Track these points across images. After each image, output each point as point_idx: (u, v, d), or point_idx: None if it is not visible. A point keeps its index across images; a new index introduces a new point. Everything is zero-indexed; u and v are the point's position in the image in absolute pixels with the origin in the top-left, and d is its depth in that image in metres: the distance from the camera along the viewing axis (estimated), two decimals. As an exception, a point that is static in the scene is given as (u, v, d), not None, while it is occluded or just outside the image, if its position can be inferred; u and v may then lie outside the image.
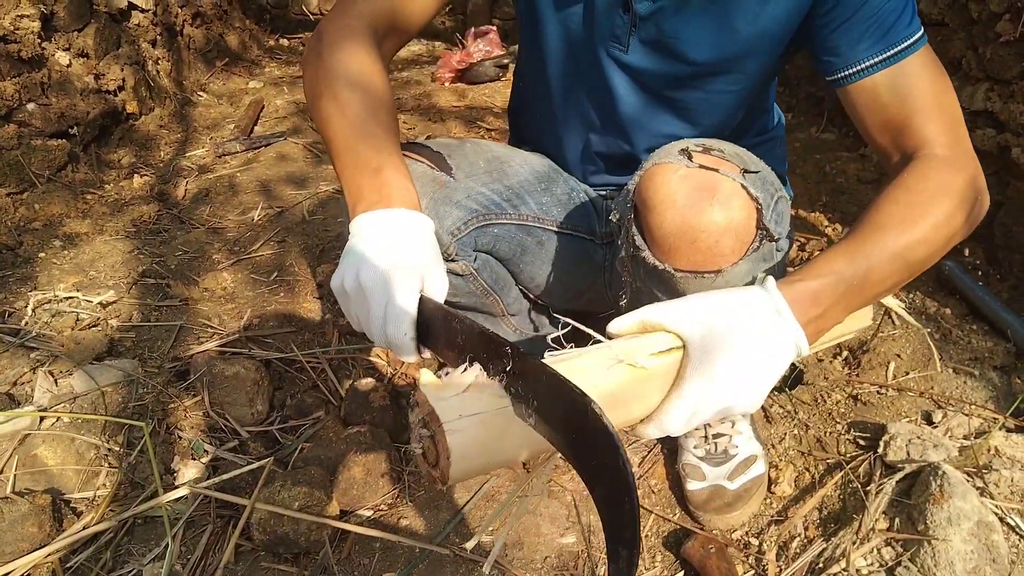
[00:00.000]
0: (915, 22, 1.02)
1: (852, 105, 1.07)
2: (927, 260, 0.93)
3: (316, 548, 1.28)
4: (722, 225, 0.95)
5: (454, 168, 1.26)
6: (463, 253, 1.27)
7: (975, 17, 1.86)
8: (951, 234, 0.94)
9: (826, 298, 0.86)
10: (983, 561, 1.09)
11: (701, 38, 1.13)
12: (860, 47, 1.02)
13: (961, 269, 1.72)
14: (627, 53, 1.18)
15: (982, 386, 1.44)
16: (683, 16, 1.11)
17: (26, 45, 2.26)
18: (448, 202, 1.23)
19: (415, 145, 1.28)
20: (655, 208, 0.97)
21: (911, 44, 1.01)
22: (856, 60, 1.03)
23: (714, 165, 0.97)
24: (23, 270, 1.97)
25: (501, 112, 3.25)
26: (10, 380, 1.52)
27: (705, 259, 0.98)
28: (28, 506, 1.22)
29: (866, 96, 1.04)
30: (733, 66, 1.16)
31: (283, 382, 1.65)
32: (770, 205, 0.99)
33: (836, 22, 1.03)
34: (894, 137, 1.04)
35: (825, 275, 0.86)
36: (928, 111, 1.01)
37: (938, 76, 1.03)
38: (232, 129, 3.07)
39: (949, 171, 0.96)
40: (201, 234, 2.24)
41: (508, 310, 1.45)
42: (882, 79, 1.02)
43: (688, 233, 0.96)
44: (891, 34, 1.01)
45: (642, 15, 1.12)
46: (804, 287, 0.85)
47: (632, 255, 1.06)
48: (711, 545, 1.24)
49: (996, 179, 1.80)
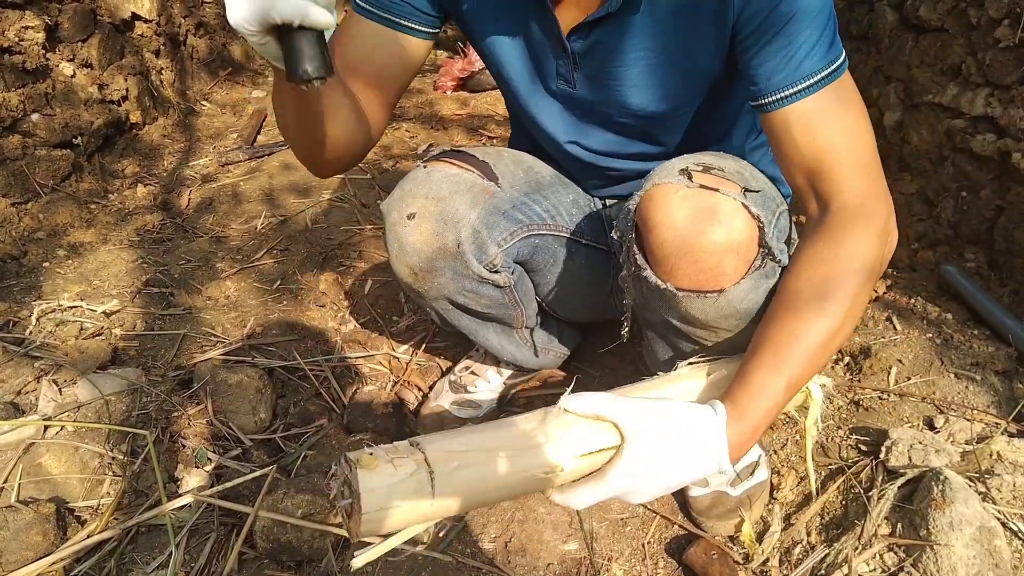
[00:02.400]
0: (834, 48, 0.99)
1: (772, 140, 1.05)
2: (847, 337, 0.99)
3: (319, 556, 1.28)
4: (724, 245, 0.96)
5: (500, 177, 1.27)
6: (506, 265, 1.27)
7: (974, 23, 1.86)
8: (864, 307, 0.99)
9: (760, 429, 0.92)
10: (986, 567, 1.09)
11: (640, 83, 1.14)
12: (774, 78, 0.99)
13: (963, 274, 1.72)
14: (575, 89, 1.20)
15: (984, 391, 1.44)
16: (618, 57, 1.12)
17: (30, 56, 2.27)
18: (497, 212, 1.24)
19: (461, 153, 1.28)
20: (655, 229, 0.98)
21: (827, 75, 0.98)
22: (770, 91, 1.00)
23: (715, 185, 0.97)
24: (27, 280, 1.98)
25: (503, 120, 3.26)
26: (14, 389, 1.52)
27: (707, 279, 0.98)
28: (32, 515, 1.23)
29: (779, 128, 1.01)
30: (679, 105, 1.17)
31: (286, 390, 1.66)
32: (772, 222, 1.00)
33: (752, 50, 1.01)
34: (808, 178, 1.01)
35: (760, 408, 0.91)
36: (839, 151, 0.98)
37: (852, 108, 1.00)
38: (235, 138, 3.08)
39: (861, 229, 0.96)
40: (204, 243, 2.25)
41: (527, 323, 1.46)
42: (795, 112, 0.99)
43: (690, 253, 0.97)
44: (804, 65, 0.97)
45: (580, 52, 1.14)
46: (747, 426, 0.90)
47: (634, 274, 1.07)
48: (714, 551, 1.24)
49: (997, 184, 1.80)
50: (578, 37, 1.12)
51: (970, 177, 1.88)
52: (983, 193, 1.83)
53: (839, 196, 0.98)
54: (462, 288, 1.27)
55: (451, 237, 1.20)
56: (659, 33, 1.08)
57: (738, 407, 0.91)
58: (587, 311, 1.50)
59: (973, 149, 1.84)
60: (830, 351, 0.96)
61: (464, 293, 1.28)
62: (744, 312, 1.02)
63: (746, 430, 0.90)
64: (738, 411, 0.91)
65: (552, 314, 1.52)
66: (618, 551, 1.32)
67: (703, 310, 1.01)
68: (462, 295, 1.29)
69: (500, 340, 1.48)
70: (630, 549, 1.32)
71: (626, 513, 1.38)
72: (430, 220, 1.19)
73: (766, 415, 0.92)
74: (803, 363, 0.93)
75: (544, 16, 1.13)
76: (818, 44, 0.97)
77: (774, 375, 0.92)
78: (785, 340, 0.93)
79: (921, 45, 2.12)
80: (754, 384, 0.92)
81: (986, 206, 1.83)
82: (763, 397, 0.91)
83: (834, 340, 0.94)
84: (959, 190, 1.92)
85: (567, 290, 1.41)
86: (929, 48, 2.08)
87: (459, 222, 1.20)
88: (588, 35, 1.11)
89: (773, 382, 0.92)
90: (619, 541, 1.34)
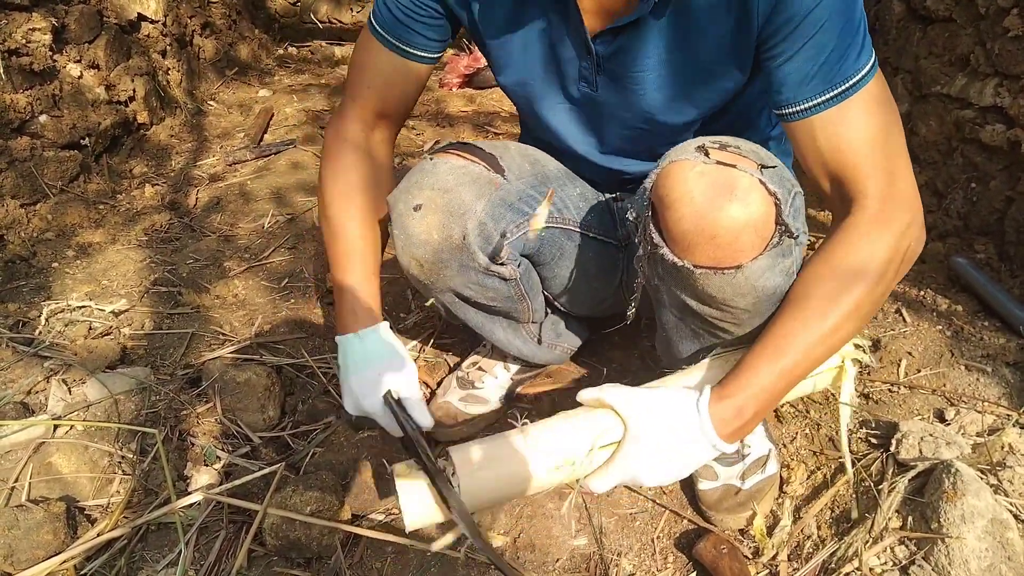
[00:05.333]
0: (865, 54, 1.00)
1: (795, 144, 1.07)
2: (850, 336, 1.03)
3: (328, 553, 1.28)
4: (741, 221, 0.95)
5: (506, 170, 1.27)
6: (512, 257, 1.28)
7: (983, 12, 1.85)
8: (872, 309, 1.03)
9: (749, 409, 1.01)
10: (998, 559, 1.08)
11: (661, 87, 1.17)
12: (803, 87, 1.00)
13: (973, 265, 1.71)
14: (597, 91, 1.22)
15: (995, 383, 1.43)
16: (642, 61, 1.14)
17: (38, 58, 2.28)
18: (503, 204, 1.25)
19: (467, 145, 1.29)
20: (672, 205, 0.97)
21: (856, 82, 0.99)
22: (797, 100, 1.01)
23: (731, 161, 0.97)
24: (36, 280, 1.99)
25: (509, 116, 3.25)
26: (24, 389, 1.53)
27: (725, 255, 0.98)
28: (43, 514, 1.23)
29: (806, 137, 1.03)
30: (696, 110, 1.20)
31: (294, 388, 1.66)
32: (788, 200, 0.99)
33: (780, 59, 1.01)
34: (831, 182, 1.04)
35: (749, 387, 1.00)
36: (864, 157, 1.00)
37: (880, 113, 1.01)
38: (242, 138, 3.09)
39: (877, 233, 0.99)
40: (212, 242, 2.26)
41: (533, 317, 1.45)
42: (821, 121, 1.01)
43: (707, 229, 0.96)
44: (835, 73, 0.98)
45: (604, 55, 1.16)
46: (730, 405, 1.00)
47: (650, 253, 1.06)
48: (723, 545, 1.23)
49: (1007, 175, 1.79)
50: (604, 40, 1.13)
51: (979, 168, 1.87)
52: (993, 184, 1.82)
53: (859, 200, 1.01)
54: (468, 280, 1.27)
55: (457, 229, 1.20)
56: (683, 38, 1.09)
57: (724, 388, 1.01)
58: (594, 305, 1.50)
59: (982, 140, 1.83)
60: (830, 347, 1.02)
61: (470, 285, 1.28)
62: (761, 289, 1.01)
63: (729, 409, 1.00)
64: (724, 391, 1.01)
65: (559, 309, 1.51)
66: (627, 546, 1.32)
67: (720, 287, 1.01)
68: (468, 287, 1.29)
69: (507, 335, 1.48)
70: (639, 544, 1.32)
71: (635, 508, 1.38)
72: (436, 212, 1.19)
73: (753, 397, 1.00)
74: (799, 355, 1.00)
75: (569, 18, 1.14)
76: (849, 51, 0.98)
77: (766, 362, 1.00)
78: (783, 333, 1.00)
79: (929, 35, 2.11)
80: (744, 369, 1.01)
81: (996, 197, 1.81)
82: (751, 381, 1.00)
83: (833, 337, 1.00)
84: (968, 181, 1.90)
85: (574, 284, 1.41)
86: (937, 38, 2.07)
87: (465, 213, 1.20)
88: (615, 38, 1.12)
89: (765, 368, 1.00)
90: (628, 536, 1.33)
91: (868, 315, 1.03)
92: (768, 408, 1.03)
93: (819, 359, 1.02)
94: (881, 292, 1.01)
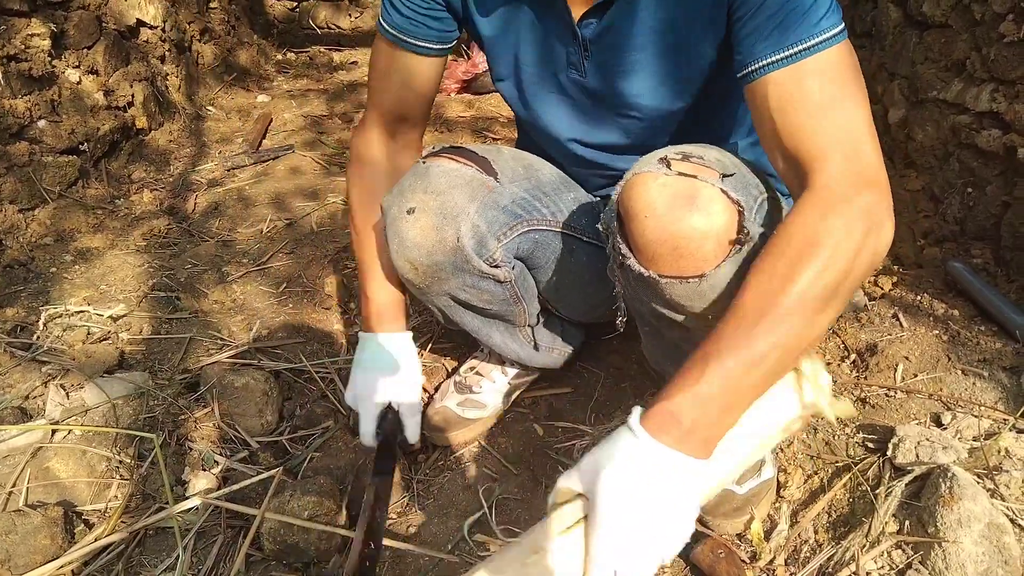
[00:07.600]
0: (829, 18, 0.94)
1: (753, 115, 1.01)
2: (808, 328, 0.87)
3: (326, 557, 1.28)
4: (702, 231, 0.96)
5: (499, 173, 1.28)
6: (506, 260, 1.28)
7: (978, 18, 1.86)
8: (826, 295, 0.86)
9: (685, 415, 0.83)
10: (994, 563, 1.08)
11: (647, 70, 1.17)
12: (758, 44, 0.97)
13: (969, 270, 1.71)
14: (585, 77, 1.22)
15: (991, 387, 1.43)
16: (628, 42, 1.15)
17: (36, 63, 2.29)
18: (496, 207, 1.26)
19: (460, 149, 1.30)
20: (636, 217, 0.98)
21: (816, 44, 0.93)
22: (753, 58, 0.97)
23: (693, 172, 0.97)
24: (35, 285, 1.99)
25: (507, 122, 3.26)
26: (22, 394, 1.53)
27: (688, 264, 0.98)
28: (40, 518, 1.23)
29: (760, 101, 0.98)
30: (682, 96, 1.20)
31: (292, 392, 1.66)
32: (752, 207, 1.00)
33: (743, 19, 1.00)
34: (786, 158, 0.96)
35: (679, 392, 0.83)
36: (818, 128, 0.92)
37: (841, 82, 0.94)
38: (241, 143, 3.09)
39: (833, 211, 0.88)
40: (211, 247, 2.26)
41: (529, 320, 1.46)
42: (774, 82, 0.95)
43: (670, 240, 0.97)
44: (791, 32, 0.94)
45: (591, 38, 1.16)
46: (662, 409, 0.84)
47: (620, 263, 1.07)
48: (720, 550, 1.23)
49: (1003, 180, 1.79)
50: (589, 22, 1.15)
51: (976, 173, 1.87)
52: (989, 189, 1.83)
53: (812, 176, 0.91)
54: (463, 283, 1.28)
55: (450, 231, 1.20)
56: (665, 18, 1.11)
57: (654, 399, 0.86)
58: (589, 309, 1.50)
59: (979, 145, 1.84)
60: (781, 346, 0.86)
61: (465, 288, 1.29)
62: (727, 296, 1.01)
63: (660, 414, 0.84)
64: (652, 401, 0.86)
65: (555, 313, 1.52)
66: (625, 550, 1.32)
67: (686, 295, 1.02)
68: (463, 291, 1.29)
69: (503, 338, 1.48)
70: (637, 548, 1.32)
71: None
72: (429, 215, 1.20)
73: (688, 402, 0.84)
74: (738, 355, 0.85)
75: (554, 4, 1.16)
76: (810, 13, 0.94)
77: (698, 366, 0.85)
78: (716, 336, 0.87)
79: (925, 41, 2.12)
80: (677, 376, 0.86)
81: (992, 202, 1.82)
82: (683, 385, 0.85)
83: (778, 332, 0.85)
84: (965, 186, 1.91)
85: (569, 288, 1.41)
86: (933, 44, 2.07)
87: (458, 216, 1.20)
88: (600, 19, 1.14)
89: (695, 372, 0.85)
90: (626, 540, 1.33)
91: (821, 305, 0.87)
92: (720, 414, 0.85)
93: (771, 358, 0.85)
94: (836, 278, 0.86)
